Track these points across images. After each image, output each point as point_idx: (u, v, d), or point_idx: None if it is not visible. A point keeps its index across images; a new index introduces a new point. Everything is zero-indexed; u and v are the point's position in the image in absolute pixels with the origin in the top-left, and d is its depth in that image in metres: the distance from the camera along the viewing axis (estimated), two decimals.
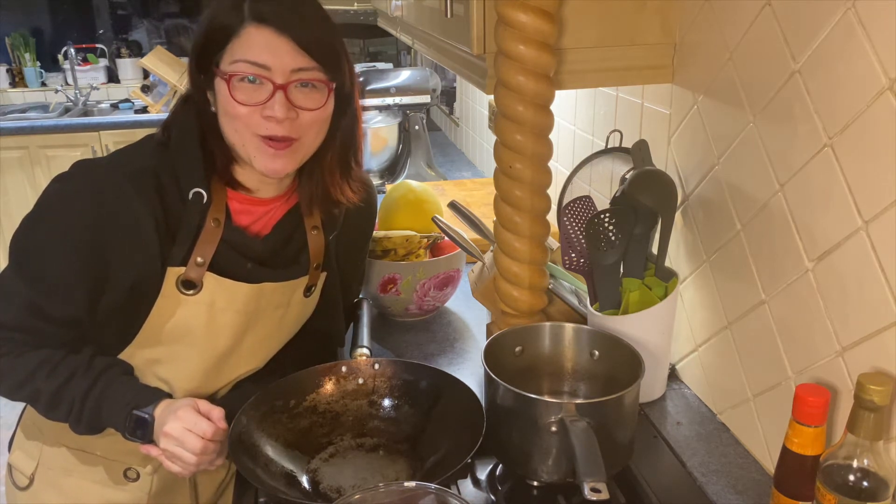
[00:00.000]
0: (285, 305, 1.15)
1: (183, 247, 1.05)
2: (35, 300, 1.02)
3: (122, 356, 1.10)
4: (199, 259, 1.05)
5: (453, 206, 1.44)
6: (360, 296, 1.45)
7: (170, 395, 1.10)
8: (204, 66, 1.01)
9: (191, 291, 1.06)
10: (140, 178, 1.02)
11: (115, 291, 1.04)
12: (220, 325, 1.09)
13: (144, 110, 4.00)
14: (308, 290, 1.18)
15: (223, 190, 1.07)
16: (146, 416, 1.04)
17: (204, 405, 1.04)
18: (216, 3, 1.00)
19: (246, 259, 1.09)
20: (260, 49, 0.97)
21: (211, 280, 1.06)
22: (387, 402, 1.14)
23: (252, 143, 1.01)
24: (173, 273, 1.05)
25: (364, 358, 1.18)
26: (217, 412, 1.04)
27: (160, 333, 1.08)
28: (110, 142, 3.78)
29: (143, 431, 1.04)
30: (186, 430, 1.00)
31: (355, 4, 2.63)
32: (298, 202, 1.14)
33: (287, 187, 1.13)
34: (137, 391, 1.07)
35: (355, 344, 1.22)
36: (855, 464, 0.75)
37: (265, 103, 0.98)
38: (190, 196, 1.04)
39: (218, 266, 1.07)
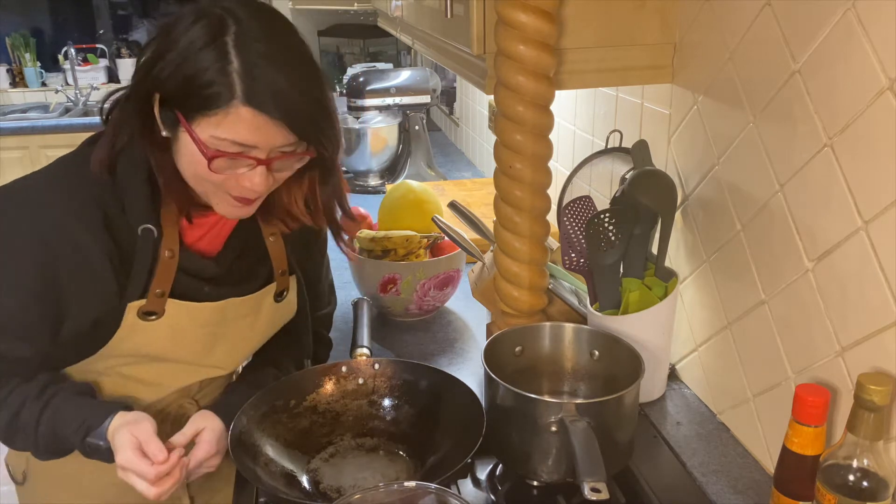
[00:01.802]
0: (254, 313, 1.13)
1: (139, 280, 1.01)
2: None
3: (86, 362, 1.07)
4: (157, 291, 1.02)
5: (453, 206, 1.44)
6: (361, 297, 1.45)
7: (126, 406, 1.03)
8: (167, 97, 0.90)
9: (153, 318, 1.03)
10: (85, 212, 0.96)
11: (75, 325, 1.00)
12: (185, 340, 1.08)
13: None
14: (279, 296, 1.15)
15: (174, 221, 1.02)
16: (101, 443, 0.99)
17: (144, 438, 0.96)
18: (190, 53, 0.87)
19: (202, 282, 1.06)
20: (250, 132, 0.88)
21: (172, 305, 1.04)
22: (387, 402, 1.14)
23: (219, 196, 0.96)
24: (133, 306, 1.02)
25: (364, 358, 1.18)
26: (153, 447, 0.96)
27: (123, 352, 1.06)
28: None
29: (101, 456, 1.00)
30: (131, 471, 0.95)
31: (355, 4, 2.63)
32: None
33: None
34: (89, 410, 1.01)
35: (355, 344, 1.22)
36: (855, 464, 0.75)
37: (244, 174, 0.92)
38: (139, 232, 0.99)
39: (177, 292, 1.04)
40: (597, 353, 1.11)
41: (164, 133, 0.93)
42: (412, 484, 0.81)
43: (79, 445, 1.00)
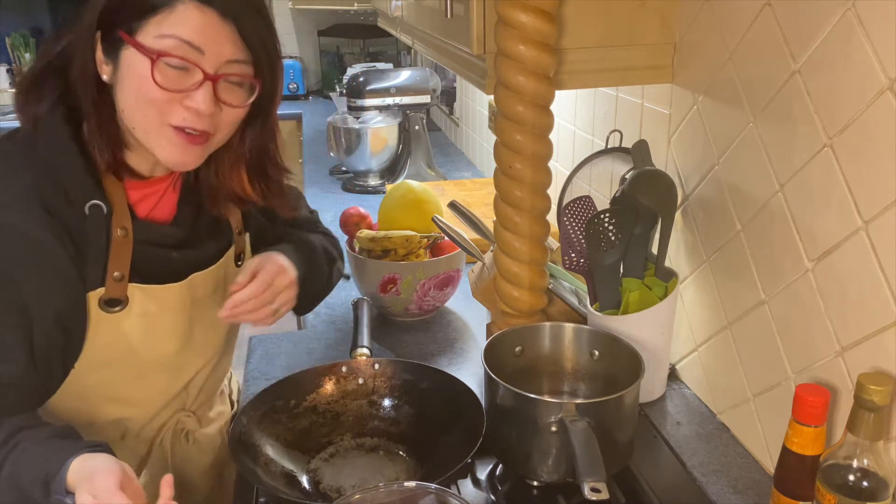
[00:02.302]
0: (222, 285, 1.09)
1: (97, 265, 0.94)
2: None
3: (68, 385, 0.98)
4: (115, 274, 0.95)
5: (453, 206, 1.44)
6: (361, 297, 1.44)
7: (94, 445, 0.88)
8: (108, 26, 0.88)
9: (117, 308, 0.96)
10: (25, 203, 0.89)
11: (43, 327, 0.91)
12: (161, 330, 1.02)
13: None
14: (238, 259, 1.12)
15: (121, 192, 0.96)
16: (66, 501, 0.82)
17: (104, 499, 0.79)
18: None
19: (168, 249, 1.01)
20: (198, 30, 0.86)
21: (136, 291, 0.97)
22: (387, 402, 1.14)
23: (161, 132, 0.90)
24: (93, 296, 0.95)
25: (364, 358, 1.18)
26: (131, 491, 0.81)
27: (99, 356, 0.98)
28: None
29: None
30: None
31: (355, 4, 2.63)
32: (186, 180, 1.05)
33: None
34: (50, 454, 0.86)
35: (355, 344, 1.22)
36: (855, 464, 0.75)
37: (189, 92, 0.88)
38: (87, 210, 0.92)
39: (140, 272, 0.97)
40: (597, 353, 1.11)
41: (104, 77, 0.91)
42: (412, 484, 0.81)
43: (41, 497, 0.84)
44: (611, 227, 1.13)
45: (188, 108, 0.88)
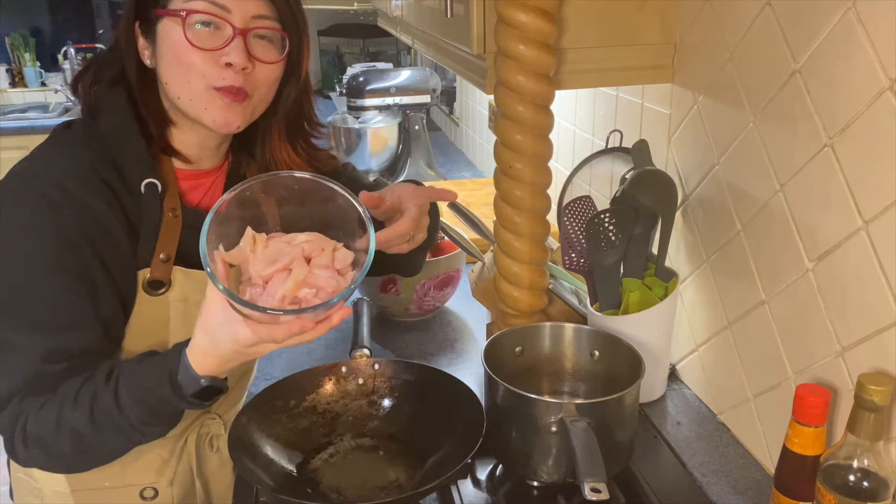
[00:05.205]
0: None
1: (147, 245, 0.97)
2: (51, 345, 0.90)
3: None
4: (162, 256, 0.97)
5: (453, 206, 1.44)
6: (361, 297, 1.43)
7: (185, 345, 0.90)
8: (144, 11, 0.95)
9: (160, 291, 0.99)
10: (87, 177, 0.93)
11: (105, 301, 0.94)
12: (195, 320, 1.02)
13: None
14: None
15: (172, 175, 1.00)
16: (201, 381, 0.86)
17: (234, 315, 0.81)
18: None
19: None
20: None
21: (179, 275, 0.99)
22: (387, 402, 1.14)
23: (205, 96, 0.94)
24: (140, 275, 0.97)
25: (364, 358, 1.18)
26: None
27: (135, 341, 0.99)
28: None
29: (211, 390, 0.88)
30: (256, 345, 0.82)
31: (355, 4, 2.62)
32: (231, 168, 1.08)
33: (223, 155, 1.07)
34: (161, 359, 0.90)
35: (355, 344, 1.22)
36: (855, 464, 0.75)
37: (223, 49, 0.92)
38: (143, 189, 0.96)
39: (184, 257, 0.99)
40: (597, 353, 1.11)
41: (147, 61, 0.97)
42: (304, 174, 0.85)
43: (171, 395, 0.87)
44: (611, 227, 1.13)
45: (225, 67, 0.93)
